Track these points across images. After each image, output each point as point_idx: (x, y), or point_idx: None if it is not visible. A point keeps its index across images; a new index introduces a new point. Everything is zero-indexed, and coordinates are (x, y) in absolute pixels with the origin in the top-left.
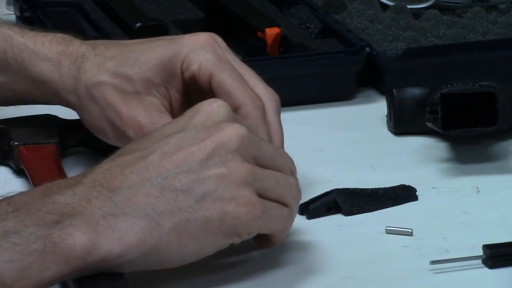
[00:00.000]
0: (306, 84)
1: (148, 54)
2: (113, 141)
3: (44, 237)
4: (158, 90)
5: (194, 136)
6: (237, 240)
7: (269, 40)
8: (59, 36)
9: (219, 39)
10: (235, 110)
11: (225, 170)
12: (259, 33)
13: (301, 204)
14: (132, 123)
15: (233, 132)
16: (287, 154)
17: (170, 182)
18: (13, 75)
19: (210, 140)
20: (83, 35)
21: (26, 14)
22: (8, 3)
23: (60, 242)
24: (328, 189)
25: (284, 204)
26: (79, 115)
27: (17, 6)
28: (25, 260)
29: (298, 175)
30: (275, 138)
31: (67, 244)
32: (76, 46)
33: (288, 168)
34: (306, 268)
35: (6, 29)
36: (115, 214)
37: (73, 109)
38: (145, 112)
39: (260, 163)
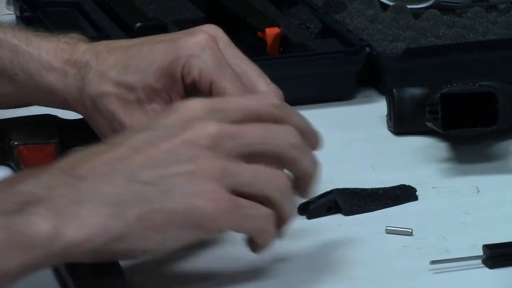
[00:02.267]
0: (306, 84)
1: (149, 60)
2: None
3: (6, 226)
4: (159, 95)
5: (165, 133)
6: (203, 236)
7: (269, 40)
8: (64, 41)
9: (220, 33)
10: None
11: (194, 167)
12: (259, 33)
13: (301, 204)
14: None
15: (203, 131)
16: (283, 128)
17: (137, 175)
18: (20, 84)
19: (179, 138)
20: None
21: (26, 14)
22: (8, 3)
23: (23, 230)
24: (328, 189)
25: (267, 198)
26: (89, 123)
27: (17, 6)
28: None
29: None
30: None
31: (30, 232)
32: (80, 54)
33: (281, 159)
34: (306, 268)
35: (11, 38)
36: (79, 201)
37: (82, 116)
38: (147, 121)
39: (245, 153)
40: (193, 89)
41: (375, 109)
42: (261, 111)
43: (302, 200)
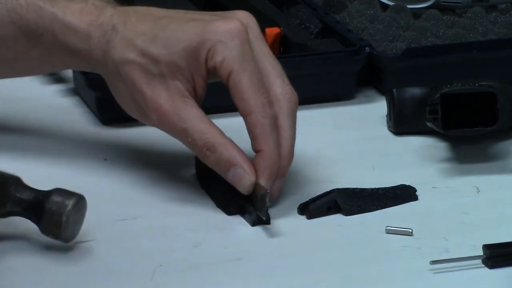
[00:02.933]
0: (306, 84)
1: (177, 37)
2: (138, 118)
3: None
4: (183, 74)
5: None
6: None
7: (269, 40)
8: (91, 3)
9: (252, 23)
10: (245, 116)
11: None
12: None
13: (301, 204)
14: (155, 107)
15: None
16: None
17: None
18: (46, 46)
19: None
20: None
21: None
22: None
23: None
24: (328, 189)
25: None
26: (109, 87)
27: None
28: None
29: (298, 175)
30: (284, 143)
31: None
32: (107, 17)
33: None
34: (306, 268)
35: (37, 0)
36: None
37: (104, 78)
38: (168, 96)
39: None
40: (213, 73)
41: (375, 109)
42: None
43: (302, 201)
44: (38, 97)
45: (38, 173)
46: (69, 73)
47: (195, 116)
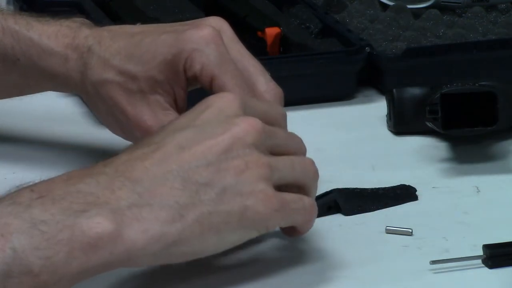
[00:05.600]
0: (306, 84)
1: (152, 52)
2: (123, 137)
3: (71, 226)
4: (162, 87)
5: (210, 130)
6: (255, 234)
7: (269, 40)
8: (66, 25)
9: (225, 27)
10: None
11: (243, 164)
12: (259, 33)
13: None
14: (138, 123)
15: (249, 127)
16: (297, 136)
17: (191, 174)
18: (23, 69)
19: (227, 135)
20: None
21: None
22: (8, 2)
23: (88, 230)
24: (328, 189)
25: (302, 186)
26: (90, 108)
27: (17, 6)
28: (53, 248)
29: None
30: None
31: (94, 233)
32: (82, 39)
33: (300, 150)
34: (306, 268)
35: (12, 24)
36: (139, 205)
37: (84, 101)
38: (150, 112)
39: (275, 151)
40: (194, 82)
41: (375, 109)
42: (275, 116)
43: None
44: (38, 97)
45: (38, 173)
46: None
47: None
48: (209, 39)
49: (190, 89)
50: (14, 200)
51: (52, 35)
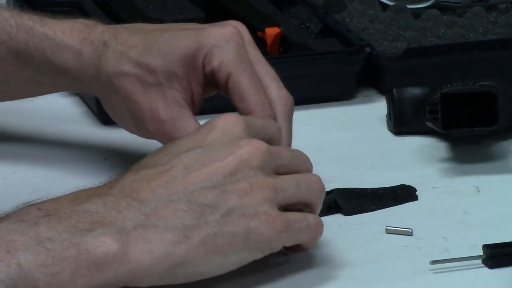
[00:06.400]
0: (306, 84)
1: (172, 46)
2: (134, 132)
3: (77, 244)
4: (180, 83)
5: (216, 153)
6: (259, 256)
7: (269, 40)
8: (80, 22)
9: (244, 31)
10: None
11: (247, 186)
12: (259, 33)
13: None
14: (152, 117)
15: (254, 149)
16: (303, 153)
17: (196, 196)
18: (36, 66)
19: (233, 157)
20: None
21: None
22: (7, 3)
23: (93, 249)
24: (328, 189)
25: (308, 204)
26: (102, 103)
27: (17, 6)
28: (58, 266)
29: None
30: (282, 143)
31: (100, 252)
32: (98, 34)
33: (306, 167)
34: (306, 268)
35: (27, 20)
36: (145, 225)
37: (97, 96)
38: (165, 106)
39: (280, 171)
40: (211, 78)
41: (375, 109)
42: (274, 132)
43: None
44: (40, 97)
45: (38, 173)
46: None
47: (191, 128)
48: (230, 37)
49: (206, 96)
50: (20, 218)
51: (67, 30)
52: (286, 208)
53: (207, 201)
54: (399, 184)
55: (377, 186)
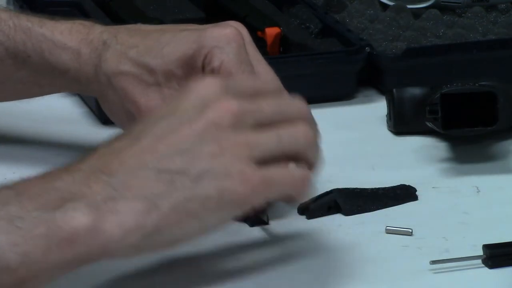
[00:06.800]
0: (306, 84)
1: (172, 46)
2: None
3: (47, 221)
4: (179, 82)
5: (186, 117)
6: (239, 213)
7: (269, 40)
8: (79, 23)
9: (244, 31)
10: None
11: (217, 148)
12: (259, 33)
13: (301, 204)
14: (150, 115)
15: (223, 110)
16: (297, 101)
17: (165, 164)
18: (34, 67)
19: (201, 120)
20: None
21: None
22: (7, 3)
23: (63, 225)
24: (328, 189)
25: (295, 156)
26: (99, 103)
27: (17, 6)
28: (30, 244)
29: None
30: None
31: (70, 228)
32: (97, 34)
33: (300, 115)
34: (305, 268)
35: (25, 21)
36: (115, 198)
37: (95, 96)
38: (163, 104)
39: (264, 125)
40: None
41: (375, 109)
42: (269, 89)
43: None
44: (38, 98)
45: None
46: None
47: None
48: (230, 38)
49: None
50: None
51: (65, 31)
52: (271, 164)
53: (176, 167)
54: (399, 184)
55: (377, 186)
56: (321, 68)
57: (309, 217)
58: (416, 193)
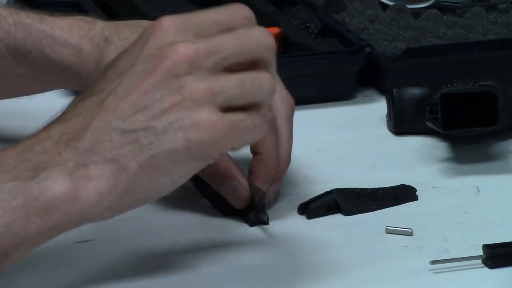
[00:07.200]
0: (306, 84)
1: None
2: None
3: (24, 192)
4: None
5: (144, 70)
6: (210, 161)
7: None
8: (80, 19)
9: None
10: None
11: (179, 97)
12: None
13: (301, 204)
14: None
15: (178, 57)
16: (254, 33)
17: (129, 123)
18: (34, 63)
19: (158, 70)
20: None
21: None
22: (7, 2)
23: (39, 195)
24: (328, 189)
25: (256, 105)
26: None
27: (16, 5)
28: (9, 216)
29: (298, 175)
30: (282, 145)
31: (46, 197)
32: (99, 30)
33: (260, 50)
34: (305, 268)
35: (25, 18)
36: (85, 163)
37: None
38: None
39: (225, 65)
40: None
41: (375, 109)
42: (233, 23)
43: (302, 200)
44: (38, 96)
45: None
46: None
47: None
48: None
49: None
50: None
51: (66, 27)
52: (234, 110)
53: (140, 125)
54: (399, 184)
55: (377, 186)
56: (321, 68)
57: (309, 217)
58: (416, 193)
